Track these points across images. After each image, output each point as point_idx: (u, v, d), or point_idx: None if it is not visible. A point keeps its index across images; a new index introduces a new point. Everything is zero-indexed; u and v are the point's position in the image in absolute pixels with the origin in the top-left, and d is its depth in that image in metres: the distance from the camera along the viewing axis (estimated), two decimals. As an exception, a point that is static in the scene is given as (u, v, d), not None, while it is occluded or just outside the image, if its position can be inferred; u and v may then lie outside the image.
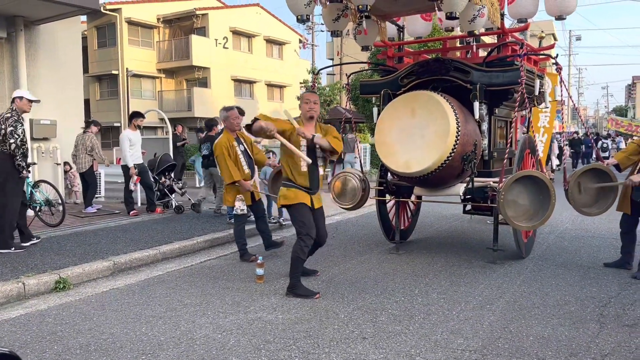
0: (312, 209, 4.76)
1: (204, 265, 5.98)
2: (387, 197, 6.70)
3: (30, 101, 6.39)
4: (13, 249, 6.07)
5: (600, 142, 25.99)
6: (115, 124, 28.12)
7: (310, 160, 4.58)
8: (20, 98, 6.31)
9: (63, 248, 6.20)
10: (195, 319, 4.12)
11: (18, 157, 6.03)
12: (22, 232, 6.42)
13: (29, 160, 6.74)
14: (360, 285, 5.02)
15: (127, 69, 26.91)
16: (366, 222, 8.74)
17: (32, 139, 9.01)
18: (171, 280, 5.33)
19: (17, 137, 6.04)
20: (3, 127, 6.07)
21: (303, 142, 4.63)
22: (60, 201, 7.75)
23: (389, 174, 6.41)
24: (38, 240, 6.51)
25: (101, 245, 6.38)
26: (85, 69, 26.51)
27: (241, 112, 7.98)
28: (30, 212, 7.51)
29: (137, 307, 4.43)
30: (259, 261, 5.18)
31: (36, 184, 7.72)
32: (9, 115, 6.17)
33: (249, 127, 4.64)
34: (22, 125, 6.21)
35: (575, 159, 23.92)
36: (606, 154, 26.13)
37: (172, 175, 9.74)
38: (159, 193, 9.42)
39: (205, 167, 9.13)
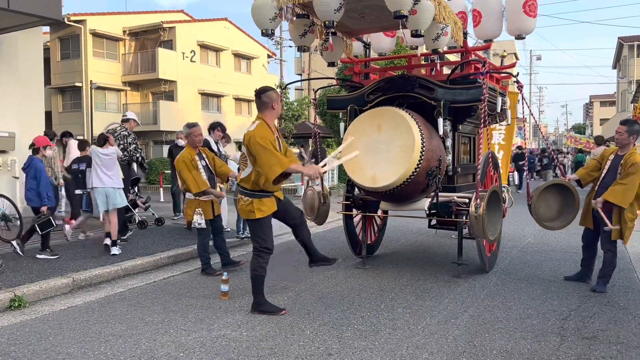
0: (279, 201, 4.69)
1: (167, 281, 5.85)
2: (354, 211, 6.71)
3: (136, 122, 8.09)
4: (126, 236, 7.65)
5: (535, 158, 26.55)
6: (78, 137, 27.44)
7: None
8: (128, 120, 7.92)
9: (19, 264, 5.97)
10: (157, 337, 4.01)
11: (145, 165, 7.91)
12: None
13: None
14: (326, 301, 4.99)
15: (91, 81, 26.39)
16: (333, 237, 8.73)
17: (-11, 151, 8.75)
18: (132, 297, 5.19)
19: (140, 150, 7.80)
20: (122, 142, 7.66)
21: None
22: (17, 216, 7.48)
23: (355, 189, 6.44)
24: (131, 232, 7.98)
25: (60, 261, 6.18)
26: (48, 81, 25.87)
27: (223, 129, 8.06)
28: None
29: (96, 326, 4.29)
30: (223, 277, 5.10)
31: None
32: (126, 133, 7.77)
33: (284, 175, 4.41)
34: None
35: (520, 178, 20.05)
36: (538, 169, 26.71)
37: (136, 189, 9.54)
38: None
39: None
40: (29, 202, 6.64)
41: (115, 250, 6.67)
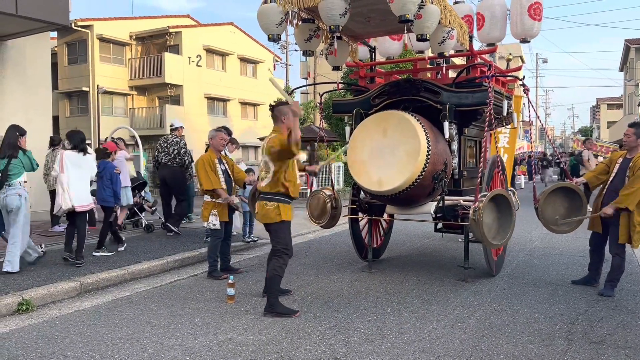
0: None
1: (174, 285, 5.86)
2: (360, 215, 6.71)
3: (183, 128, 8.83)
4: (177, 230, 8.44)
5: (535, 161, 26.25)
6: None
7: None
8: (176, 128, 8.69)
9: (27, 268, 6.00)
10: (164, 341, 4.02)
11: (190, 170, 8.41)
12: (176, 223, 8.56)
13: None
14: (332, 305, 4.99)
15: (98, 85, 26.52)
16: (339, 241, 8.72)
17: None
18: (139, 301, 5.21)
19: (190, 155, 8.50)
20: (176, 147, 8.42)
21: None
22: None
23: (361, 192, 6.44)
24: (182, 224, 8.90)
25: (67, 265, 6.21)
26: (55, 86, 26.02)
27: (229, 133, 8.17)
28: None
29: (103, 329, 4.31)
30: (230, 281, 5.11)
31: None
32: (178, 139, 8.55)
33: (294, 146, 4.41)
34: None
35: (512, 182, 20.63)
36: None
37: (143, 193, 9.58)
38: (128, 212, 9.24)
39: None
40: (103, 203, 6.93)
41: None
